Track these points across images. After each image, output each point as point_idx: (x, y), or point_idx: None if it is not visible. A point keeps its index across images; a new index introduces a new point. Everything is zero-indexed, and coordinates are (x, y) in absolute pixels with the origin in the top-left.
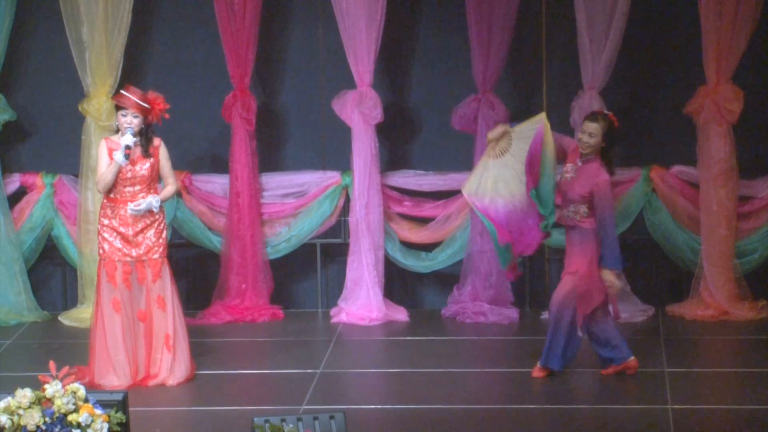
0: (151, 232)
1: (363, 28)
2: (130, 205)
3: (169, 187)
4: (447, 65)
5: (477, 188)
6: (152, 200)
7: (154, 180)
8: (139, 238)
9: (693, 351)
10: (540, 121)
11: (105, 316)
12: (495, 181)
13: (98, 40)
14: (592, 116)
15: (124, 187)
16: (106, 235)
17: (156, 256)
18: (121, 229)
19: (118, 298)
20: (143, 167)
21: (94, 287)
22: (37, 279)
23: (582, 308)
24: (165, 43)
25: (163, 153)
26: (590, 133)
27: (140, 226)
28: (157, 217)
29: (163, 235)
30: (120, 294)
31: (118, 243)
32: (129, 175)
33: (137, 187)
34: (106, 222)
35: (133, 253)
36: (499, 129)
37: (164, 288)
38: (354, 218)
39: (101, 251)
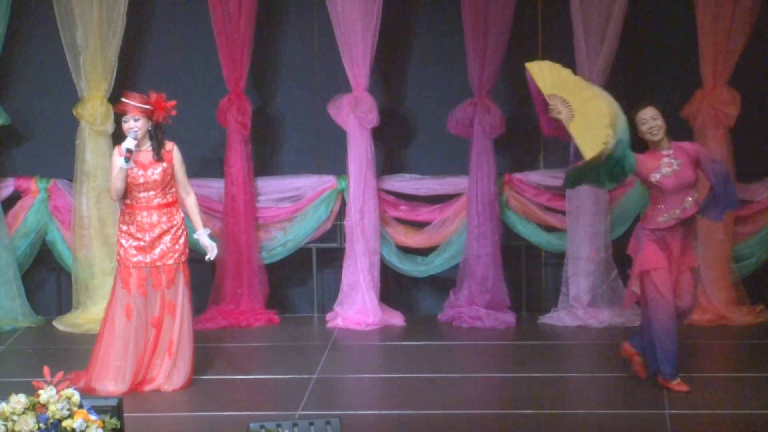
0: (167, 238)
1: (359, 31)
2: (209, 257)
3: (191, 201)
4: (443, 69)
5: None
6: (206, 239)
7: (168, 185)
8: (155, 243)
9: (690, 355)
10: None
11: (115, 322)
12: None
13: (93, 43)
14: (643, 104)
15: (138, 192)
16: (122, 240)
17: (170, 261)
18: (138, 235)
19: (131, 304)
20: (155, 172)
21: (88, 293)
22: (32, 284)
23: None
24: (160, 47)
25: (176, 158)
26: (653, 116)
27: (157, 232)
28: (175, 223)
29: (180, 241)
30: (133, 301)
31: (133, 249)
32: (141, 180)
33: (151, 192)
34: (124, 228)
35: (148, 259)
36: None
37: (176, 294)
38: (349, 222)
39: (118, 256)
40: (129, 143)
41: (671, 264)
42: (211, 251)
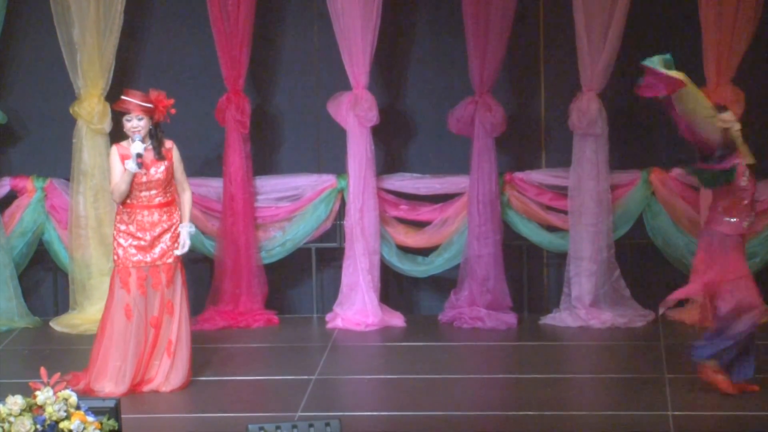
0: (167, 237)
1: (358, 29)
2: (177, 252)
3: (186, 197)
4: (443, 67)
5: None
6: (185, 234)
7: (170, 183)
8: (155, 242)
9: None
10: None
11: (114, 323)
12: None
13: (90, 41)
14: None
15: (140, 192)
16: (121, 240)
17: (170, 260)
18: (139, 234)
19: (130, 304)
20: (158, 171)
21: (85, 293)
22: (28, 284)
23: None
24: (157, 45)
25: (176, 156)
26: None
27: (158, 231)
28: (174, 221)
29: (179, 239)
30: (133, 301)
31: (133, 249)
32: (144, 179)
33: (153, 191)
34: (122, 228)
35: (148, 258)
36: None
37: (174, 293)
38: (349, 222)
39: (115, 257)
40: (138, 147)
41: None
42: (182, 247)
